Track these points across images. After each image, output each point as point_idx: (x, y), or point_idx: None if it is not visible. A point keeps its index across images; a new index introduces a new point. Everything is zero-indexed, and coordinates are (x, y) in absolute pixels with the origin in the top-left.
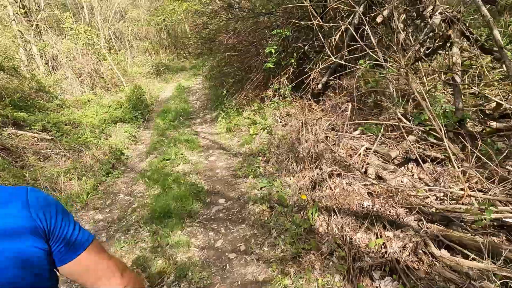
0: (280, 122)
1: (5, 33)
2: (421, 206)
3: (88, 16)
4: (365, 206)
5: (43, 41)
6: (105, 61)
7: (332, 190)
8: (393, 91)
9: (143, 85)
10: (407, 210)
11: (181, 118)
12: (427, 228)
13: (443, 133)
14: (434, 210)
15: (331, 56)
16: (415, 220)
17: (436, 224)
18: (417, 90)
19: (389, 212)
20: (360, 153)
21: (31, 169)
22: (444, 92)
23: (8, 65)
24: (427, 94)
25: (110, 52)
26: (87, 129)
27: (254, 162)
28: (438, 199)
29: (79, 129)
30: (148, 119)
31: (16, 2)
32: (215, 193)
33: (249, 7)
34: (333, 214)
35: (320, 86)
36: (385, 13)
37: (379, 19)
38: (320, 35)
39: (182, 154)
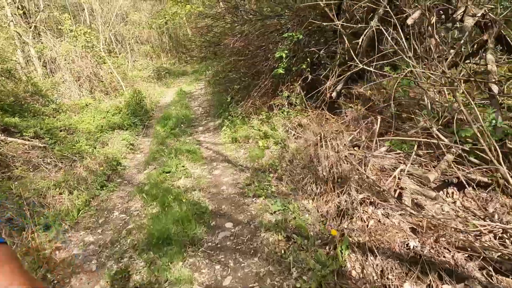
0: (293, 134)
1: (1, 34)
2: (485, 251)
3: (88, 19)
4: (411, 247)
5: (42, 43)
6: (104, 65)
7: (365, 222)
8: (428, 102)
9: (143, 90)
10: (466, 253)
11: (182, 125)
12: (499, 281)
13: (497, 153)
14: (499, 255)
15: (359, 63)
16: (479, 269)
17: (511, 278)
18: (463, 102)
19: (443, 256)
20: (395, 175)
21: (16, 182)
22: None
23: (3, 67)
24: (473, 107)
25: (110, 55)
26: (82, 136)
27: (264, 179)
28: (497, 237)
29: (74, 136)
30: (148, 125)
31: (14, 3)
32: (221, 215)
33: (255, 10)
34: (369, 254)
35: (334, 94)
36: (417, 14)
37: (410, 21)
38: (345, 38)
39: (183, 166)
